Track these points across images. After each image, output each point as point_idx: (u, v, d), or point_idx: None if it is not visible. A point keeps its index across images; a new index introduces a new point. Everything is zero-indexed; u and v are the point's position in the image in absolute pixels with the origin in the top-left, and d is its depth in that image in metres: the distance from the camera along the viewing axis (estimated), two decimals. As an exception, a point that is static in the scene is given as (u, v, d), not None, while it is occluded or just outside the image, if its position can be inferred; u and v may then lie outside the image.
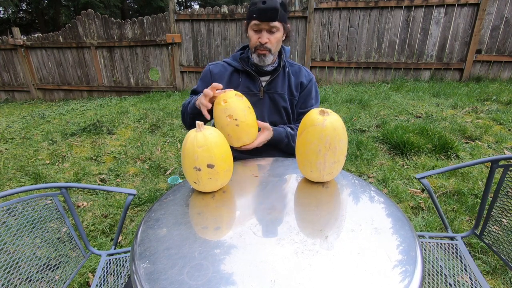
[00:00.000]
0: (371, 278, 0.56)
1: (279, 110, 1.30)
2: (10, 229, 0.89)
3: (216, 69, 1.32)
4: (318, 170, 0.84)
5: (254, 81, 1.28)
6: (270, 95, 1.28)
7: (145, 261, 0.63)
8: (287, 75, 1.30)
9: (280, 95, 1.28)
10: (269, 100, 1.29)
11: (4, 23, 15.21)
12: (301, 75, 1.32)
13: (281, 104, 1.29)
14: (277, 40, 1.18)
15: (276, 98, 1.28)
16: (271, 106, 1.29)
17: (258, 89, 1.28)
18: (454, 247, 1.10)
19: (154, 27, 5.49)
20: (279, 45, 1.23)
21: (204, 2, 20.33)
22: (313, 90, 1.35)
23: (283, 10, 1.14)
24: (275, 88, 1.28)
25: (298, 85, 1.31)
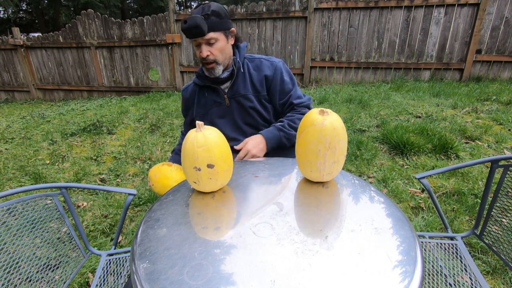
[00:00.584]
0: (371, 278, 0.56)
1: (248, 112, 1.27)
2: (10, 229, 0.89)
3: (186, 94, 1.37)
4: (318, 170, 0.84)
5: (217, 92, 1.28)
6: (235, 99, 1.26)
7: (145, 261, 0.63)
8: (248, 73, 1.27)
9: (244, 96, 1.26)
10: (236, 105, 1.27)
11: (4, 23, 15.21)
12: (263, 68, 1.28)
13: (247, 105, 1.26)
14: (219, 49, 1.16)
15: (241, 101, 1.26)
16: (240, 110, 1.28)
17: (222, 98, 1.27)
18: (454, 247, 1.10)
19: (154, 27, 5.49)
20: (226, 53, 1.20)
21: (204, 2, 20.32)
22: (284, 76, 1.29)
23: (217, 18, 1.12)
24: (238, 91, 1.26)
25: (262, 80, 1.27)
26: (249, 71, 1.28)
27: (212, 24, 1.11)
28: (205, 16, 1.10)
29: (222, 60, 1.19)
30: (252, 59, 1.30)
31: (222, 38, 1.16)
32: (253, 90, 1.27)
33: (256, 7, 5.03)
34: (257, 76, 1.28)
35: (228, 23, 1.17)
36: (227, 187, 0.91)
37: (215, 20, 1.12)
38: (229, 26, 1.18)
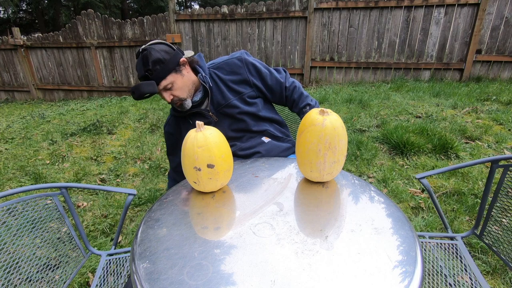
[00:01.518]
0: (371, 278, 0.56)
1: (238, 119, 1.25)
2: (10, 229, 0.89)
3: (171, 129, 1.34)
4: (318, 170, 0.84)
5: (201, 115, 1.25)
6: (221, 112, 1.23)
7: (145, 261, 0.63)
8: (220, 81, 1.23)
9: (228, 105, 1.23)
10: (224, 117, 1.24)
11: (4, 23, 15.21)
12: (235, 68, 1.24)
13: (235, 112, 1.23)
14: (180, 88, 1.13)
15: (227, 111, 1.23)
16: (230, 121, 1.25)
17: (209, 116, 1.24)
18: (454, 247, 1.10)
19: (154, 27, 5.49)
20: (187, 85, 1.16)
21: (204, 2, 20.33)
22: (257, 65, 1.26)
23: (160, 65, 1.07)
24: (219, 103, 1.23)
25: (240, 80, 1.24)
26: (220, 78, 1.24)
27: (159, 74, 1.08)
28: (148, 72, 1.07)
29: (187, 94, 1.17)
30: (216, 66, 1.26)
31: (175, 77, 1.12)
32: (233, 94, 1.24)
33: (256, 7, 5.03)
34: (232, 78, 1.24)
35: (174, 59, 1.11)
36: (227, 187, 0.91)
37: (159, 68, 1.08)
38: (176, 62, 1.12)
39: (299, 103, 1.31)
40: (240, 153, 1.25)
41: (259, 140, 1.27)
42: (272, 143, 1.27)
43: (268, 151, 1.25)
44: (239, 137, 1.27)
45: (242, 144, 1.27)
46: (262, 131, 1.29)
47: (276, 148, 1.26)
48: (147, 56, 1.07)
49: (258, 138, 1.28)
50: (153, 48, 1.09)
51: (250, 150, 1.25)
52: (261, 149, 1.25)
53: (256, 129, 1.28)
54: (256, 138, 1.28)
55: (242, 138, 1.27)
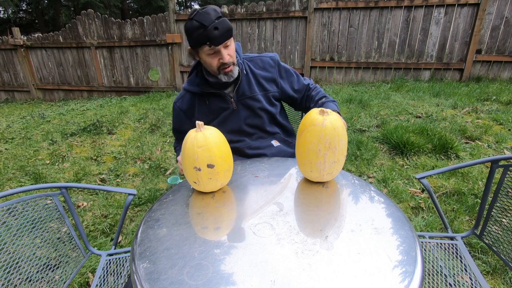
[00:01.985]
0: (371, 278, 0.56)
1: (256, 114, 1.24)
2: (10, 229, 0.89)
3: (183, 105, 1.27)
4: (318, 170, 0.84)
5: (222, 97, 1.22)
6: (242, 102, 1.22)
7: (145, 261, 0.63)
8: (251, 73, 1.24)
9: (252, 98, 1.22)
10: (243, 108, 1.23)
11: (4, 23, 15.21)
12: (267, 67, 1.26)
13: (256, 106, 1.23)
14: (234, 50, 1.13)
15: (249, 103, 1.22)
16: (247, 113, 1.24)
17: (229, 102, 1.22)
18: (454, 247, 1.10)
19: (154, 27, 5.49)
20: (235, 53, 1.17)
21: (204, 2, 20.33)
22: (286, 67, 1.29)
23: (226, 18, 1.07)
24: (244, 93, 1.22)
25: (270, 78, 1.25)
26: (252, 71, 1.24)
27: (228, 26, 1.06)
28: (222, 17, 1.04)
29: (235, 60, 1.15)
30: (250, 58, 1.27)
31: (232, 41, 1.13)
32: (260, 89, 1.24)
33: (256, 7, 5.03)
34: (263, 73, 1.25)
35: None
36: (227, 187, 0.91)
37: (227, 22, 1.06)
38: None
39: (316, 96, 1.30)
40: (248, 151, 1.24)
41: (268, 142, 1.27)
42: (280, 148, 1.27)
43: (274, 155, 1.25)
44: (250, 134, 1.27)
45: (251, 142, 1.26)
46: (274, 133, 1.30)
47: (283, 153, 1.27)
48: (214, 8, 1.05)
49: (268, 140, 1.28)
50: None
51: (258, 151, 1.25)
52: (268, 152, 1.25)
53: (269, 130, 1.28)
54: (267, 139, 1.28)
55: (253, 136, 1.27)
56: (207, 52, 1.08)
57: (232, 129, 1.25)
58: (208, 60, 1.11)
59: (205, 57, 1.10)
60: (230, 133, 1.25)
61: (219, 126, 1.25)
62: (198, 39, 1.04)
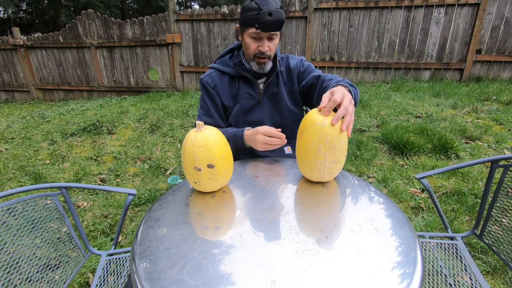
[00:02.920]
0: (371, 278, 0.56)
1: (280, 110, 1.26)
2: (10, 229, 0.89)
3: (212, 82, 1.24)
4: (318, 170, 0.84)
5: (252, 85, 1.23)
6: (268, 96, 1.25)
7: (145, 260, 0.63)
8: (280, 71, 1.26)
9: (279, 94, 1.24)
10: (268, 102, 1.25)
11: (4, 23, 15.21)
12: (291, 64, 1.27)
13: (282, 103, 1.25)
14: (276, 45, 1.14)
15: (275, 98, 1.24)
16: (271, 108, 1.26)
17: (258, 92, 1.24)
18: (454, 247, 1.10)
19: (154, 27, 5.49)
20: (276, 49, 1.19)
21: (204, 2, 20.33)
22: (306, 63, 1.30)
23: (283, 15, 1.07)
24: (273, 89, 1.24)
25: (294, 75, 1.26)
26: (287, 65, 1.27)
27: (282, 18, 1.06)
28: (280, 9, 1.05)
29: (273, 56, 1.17)
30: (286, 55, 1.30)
31: (278, 36, 1.13)
32: (287, 87, 1.26)
33: (256, 7, 5.03)
34: (288, 72, 1.27)
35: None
36: (227, 187, 0.91)
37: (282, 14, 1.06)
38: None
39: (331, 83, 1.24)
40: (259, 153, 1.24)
41: (281, 148, 1.28)
42: (291, 155, 1.27)
43: None
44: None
45: None
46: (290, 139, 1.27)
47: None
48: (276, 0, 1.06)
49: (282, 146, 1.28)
50: None
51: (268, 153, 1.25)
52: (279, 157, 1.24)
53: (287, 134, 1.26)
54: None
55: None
56: (252, 35, 1.10)
57: (255, 121, 1.25)
58: (249, 42, 1.12)
59: (248, 39, 1.12)
60: (251, 124, 1.23)
61: (242, 113, 1.24)
62: (249, 19, 1.06)
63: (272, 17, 1.02)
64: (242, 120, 1.25)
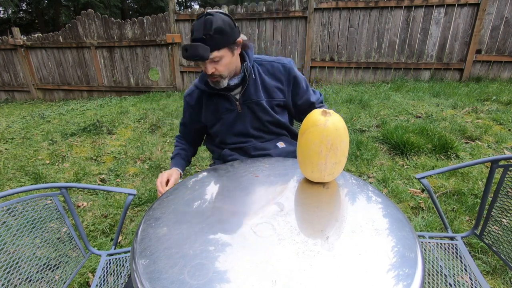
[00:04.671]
0: (372, 279, 0.56)
1: (261, 119, 1.24)
2: (10, 229, 0.89)
3: (192, 100, 1.29)
4: (319, 171, 0.84)
5: (228, 99, 1.22)
6: (248, 105, 1.22)
7: (146, 260, 0.63)
8: (259, 78, 1.22)
9: (256, 103, 1.21)
10: (248, 111, 1.23)
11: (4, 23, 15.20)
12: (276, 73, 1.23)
13: (260, 111, 1.22)
14: (224, 65, 1.10)
15: (254, 108, 1.22)
16: (252, 117, 1.24)
17: (235, 104, 1.22)
18: (454, 247, 1.10)
19: (154, 27, 5.49)
20: (232, 66, 1.14)
21: (204, 2, 20.31)
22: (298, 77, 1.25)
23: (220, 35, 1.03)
24: (250, 97, 1.21)
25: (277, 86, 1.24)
26: (260, 75, 1.22)
27: (215, 43, 1.03)
28: (207, 36, 1.02)
29: (228, 74, 1.13)
30: (261, 62, 1.24)
31: (227, 54, 1.08)
32: (266, 95, 1.23)
33: (256, 7, 5.03)
34: (270, 81, 1.23)
35: (233, 35, 1.08)
36: (228, 187, 0.91)
37: (218, 38, 1.03)
38: (234, 39, 1.09)
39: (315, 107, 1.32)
40: (253, 153, 1.24)
41: (274, 144, 1.28)
42: (284, 150, 1.27)
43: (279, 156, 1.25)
44: (257, 136, 1.27)
45: (258, 143, 1.26)
46: (280, 135, 1.30)
47: (287, 153, 1.27)
48: (212, 21, 1.02)
49: (274, 142, 1.28)
50: (219, 16, 1.05)
51: (263, 152, 1.25)
52: (273, 153, 1.25)
53: (274, 133, 1.28)
54: (272, 141, 1.28)
55: (259, 138, 1.27)
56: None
57: (239, 132, 1.26)
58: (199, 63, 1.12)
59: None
60: (237, 135, 1.26)
61: (226, 128, 1.26)
62: None
63: (187, 52, 1.02)
64: (228, 133, 1.26)
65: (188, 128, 1.39)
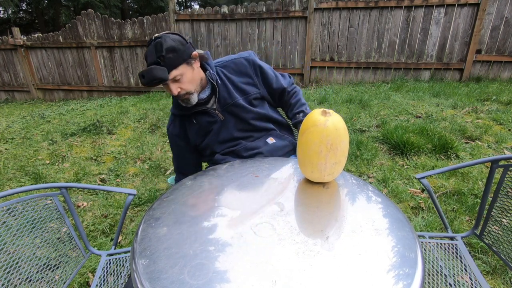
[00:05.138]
0: (372, 279, 0.56)
1: (243, 119, 1.24)
2: (10, 229, 0.89)
3: (175, 130, 1.29)
4: (319, 171, 0.84)
5: (207, 113, 1.22)
6: (227, 110, 1.22)
7: (146, 260, 0.63)
8: (227, 80, 1.23)
9: (234, 104, 1.21)
10: (230, 116, 1.23)
11: (4, 23, 15.20)
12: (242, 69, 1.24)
13: (240, 112, 1.22)
14: (188, 81, 1.10)
15: (234, 110, 1.22)
16: (235, 121, 1.24)
17: (215, 114, 1.22)
18: (454, 247, 1.10)
19: (154, 27, 5.49)
20: (195, 80, 1.13)
21: (204, 2, 20.31)
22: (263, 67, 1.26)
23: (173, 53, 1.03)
24: (226, 101, 1.21)
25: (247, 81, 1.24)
26: (227, 77, 1.23)
27: (171, 62, 1.04)
28: (160, 58, 1.02)
29: (194, 89, 1.13)
30: (223, 64, 1.25)
31: (186, 69, 1.09)
32: (240, 93, 1.23)
33: (256, 7, 5.03)
34: (240, 78, 1.23)
35: (187, 51, 1.09)
36: (228, 187, 0.91)
37: (172, 57, 1.04)
38: (189, 54, 1.09)
39: (294, 108, 1.32)
40: (245, 154, 1.25)
41: (263, 141, 1.28)
42: (275, 145, 1.27)
43: (270, 152, 1.25)
44: (245, 137, 1.27)
45: (247, 143, 1.26)
46: (268, 130, 1.30)
47: (279, 150, 1.27)
48: (161, 43, 1.03)
49: (264, 139, 1.28)
50: (168, 36, 1.06)
51: (254, 151, 1.25)
52: (264, 150, 1.25)
53: (262, 130, 1.29)
54: (262, 138, 1.28)
55: (248, 138, 1.27)
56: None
57: (225, 139, 1.26)
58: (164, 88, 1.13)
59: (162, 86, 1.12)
60: (224, 142, 1.26)
61: (213, 139, 1.26)
62: None
63: (145, 78, 1.02)
64: (215, 143, 1.26)
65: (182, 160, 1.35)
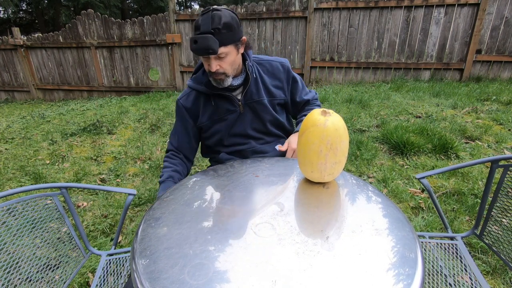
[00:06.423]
0: (372, 279, 0.56)
1: (261, 118, 1.24)
2: (10, 229, 0.89)
3: (187, 103, 1.24)
4: (319, 171, 0.84)
5: (229, 100, 1.20)
6: (249, 105, 1.22)
7: (146, 260, 0.63)
8: (259, 77, 1.22)
9: (258, 102, 1.21)
10: (249, 111, 1.23)
11: (4, 23, 15.21)
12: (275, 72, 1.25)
13: (262, 110, 1.23)
14: (229, 63, 1.09)
15: (255, 107, 1.22)
16: (253, 117, 1.24)
17: (237, 105, 1.21)
18: (454, 247, 1.10)
19: (154, 27, 5.49)
20: (235, 64, 1.12)
21: (204, 2, 20.32)
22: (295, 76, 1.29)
23: (228, 31, 1.01)
24: (251, 97, 1.21)
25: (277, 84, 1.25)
26: (260, 75, 1.22)
27: (223, 39, 1.01)
28: (215, 30, 1.00)
29: (231, 72, 1.12)
30: (259, 61, 1.24)
31: (232, 51, 1.07)
32: (267, 94, 1.23)
33: (256, 7, 5.03)
34: (271, 80, 1.24)
35: (239, 33, 1.08)
36: (228, 187, 0.91)
37: (226, 33, 1.01)
38: (240, 36, 1.08)
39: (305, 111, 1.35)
40: (252, 156, 1.25)
41: (273, 147, 1.28)
42: (283, 153, 1.27)
43: None
44: (257, 138, 1.27)
45: (257, 145, 1.26)
46: (279, 137, 1.30)
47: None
48: (220, 16, 1.00)
49: (273, 145, 1.29)
50: (227, 12, 1.04)
51: (261, 155, 1.25)
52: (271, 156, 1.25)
53: (274, 135, 1.29)
54: (271, 144, 1.29)
55: (259, 140, 1.27)
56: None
57: (238, 133, 1.25)
58: (202, 60, 1.12)
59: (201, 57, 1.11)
60: (235, 136, 1.25)
61: (225, 129, 1.24)
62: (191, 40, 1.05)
63: (196, 44, 1.00)
64: (226, 134, 1.25)
65: (183, 136, 1.30)
